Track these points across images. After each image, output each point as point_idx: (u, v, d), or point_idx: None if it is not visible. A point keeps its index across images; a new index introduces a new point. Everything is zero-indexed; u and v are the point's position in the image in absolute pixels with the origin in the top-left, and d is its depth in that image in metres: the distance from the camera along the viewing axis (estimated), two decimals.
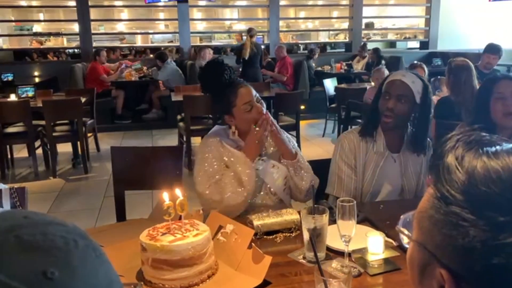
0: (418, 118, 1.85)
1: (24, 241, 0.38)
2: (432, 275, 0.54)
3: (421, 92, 1.81)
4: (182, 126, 5.12)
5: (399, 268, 1.29)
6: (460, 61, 3.47)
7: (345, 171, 1.90)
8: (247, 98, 1.83)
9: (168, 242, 1.20)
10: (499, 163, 0.49)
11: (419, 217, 0.56)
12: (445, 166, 0.52)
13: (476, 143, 0.52)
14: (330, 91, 6.39)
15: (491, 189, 0.48)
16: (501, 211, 0.47)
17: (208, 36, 12.75)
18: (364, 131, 1.90)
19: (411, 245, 0.59)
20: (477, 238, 0.47)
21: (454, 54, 6.97)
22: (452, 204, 0.50)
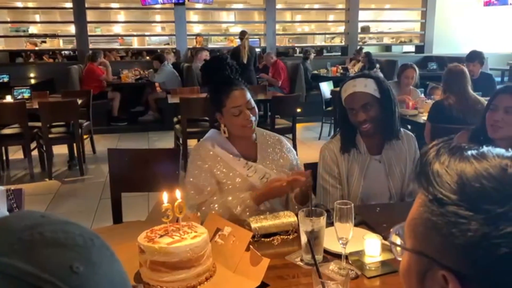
0: (384, 108, 1.85)
1: (48, 238, 0.40)
2: (433, 280, 0.54)
3: (376, 87, 1.84)
4: (179, 129, 5.12)
5: (396, 270, 1.29)
6: (454, 66, 3.53)
7: (330, 182, 1.92)
8: (238, 102, 1.80)
9: (166, 244, 1.20)
10: (486, 162, 0.51)
11: (413, 225, 0.57)
12: (434, 171, 0.54)
13: (458, 149, 0.55)
14: (326, 94, 6.41)
15: (484, 184, 0.49)
16: (497, 203, 0.48)
17: (205, 39, 12.77)
18: (345, 147, 1.92)
19: (406, 255, 0.59)
20: (478, 232, 0.48)
21: (449, 58, 7.03)
22: (448, 204, 0.51)
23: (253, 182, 1.82)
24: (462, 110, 3.29)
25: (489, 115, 1.92)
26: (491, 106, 1.93)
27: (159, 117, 7.30)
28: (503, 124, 1.87)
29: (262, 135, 1.97)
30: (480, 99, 3.35)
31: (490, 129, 1.91)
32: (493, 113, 1.90)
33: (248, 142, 1.91)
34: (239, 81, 1.87)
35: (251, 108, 1.83)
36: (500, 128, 1.88)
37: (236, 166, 1.84)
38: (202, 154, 1.86)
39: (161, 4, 8.31)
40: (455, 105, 3.34)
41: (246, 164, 1.85)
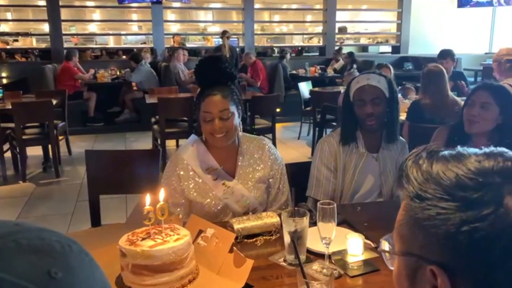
0: (390, 109, 1.91)
1: (23, 245, 0.38)
2: (423, 278, 0.55)
3: (387, 87, 1.89)
4: (157, 129, 5.07)
5: (378, 269, 1.31)
6: (433, 66, 3.60)
7: (324, 174, 1.94)
8: (209, 108, 1.72)
9: (148, 247, 1.18)
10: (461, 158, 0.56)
11: (398, 227, 0.60)
12: (413, 172, 0.58)
13: (435, 151, 0.59)
14: (305, 94, 6.45)
15: (458, 175, 0.54)
16: (472, 190, 0.51)
17: (183, 38, 12.68)
18: (345, 140, 1.95)
19: (396, 261, 0.61)
20: (457, 219, 0.51)
21: (424, 59, 7.17)
22: (426, 198, 0.54)
23: (229, 204, 1.76)
24: (440, 110, 3.35)
25: (466, 110, 1.97)
26: (468, 102, 1.98)
27: (136, 117, 7.21)
28: (479, 119, 1.92)
29: (247, 142, 1.87)
30: (457, 100, 3.42)
31: (467, 124, 1.96)
32: (470, 109, 1.95)
33: (228, 152, 1.82)
34: (226, 88, 1.75)
35: (224, 118, 1.72)
36: (477, 123, 1.92)
37: (212, 187, 1.77)
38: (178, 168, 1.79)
39: (138, 3, 8.20)
40: (433, 105, 3.40)
41: (223, 185, 1.77)
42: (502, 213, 0.50)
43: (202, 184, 1.77)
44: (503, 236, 0.50)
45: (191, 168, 1.79)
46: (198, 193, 1.76)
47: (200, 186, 1.77)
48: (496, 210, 0.50)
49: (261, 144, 1.89)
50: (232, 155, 1.83)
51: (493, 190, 0.51)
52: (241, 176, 1.81)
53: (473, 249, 0.51)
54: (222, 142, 1.76)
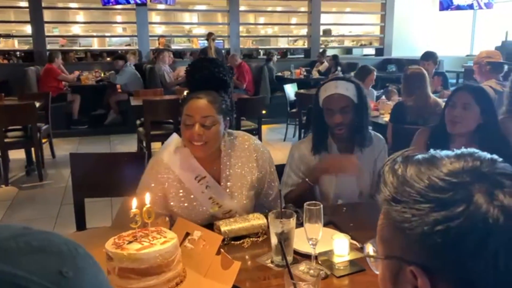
0: (359, 114, 1.90)
1: (33, 245, 0.40)
2: (405, 279, 0.57)
3: (356, 93, 1.88)
4: (142, 131, 5.03)
5: (364, 269, 1.32)
6: (414, 69, 3.65)
7: (294, 180, 1.94)
8: (191, 111, 1.61)
9: (135, 251, 1.17)
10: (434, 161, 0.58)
11: (380, 232, 0.62)
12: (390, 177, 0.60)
13: (409, 157, 0.61)
14: (291, 96, 6.48)
15: (431, 177, 0.56)
16: (444, 191, 0.54)
17: (168, 40, 12.65)
18: (316, 148, 1.95)
19: (379, 264, 0.63)
20: (431, 219, 0.53)
21: (407, 61, 7.27)
22: (403, 201, 0.56)
23: (215, 215, 1.67)
24: (422, 111, 3.40)
25: (448, 111, 2.00)
26: (450, 103, 2.02)
27: (121, 120, 7.15)
28: (461, 120, 1.95)
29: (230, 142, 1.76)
30: (439, 101, 3.48)
31: (449, 125, 1.99)
32: (452, 109, 1.98)
33: (211, 155, 1.70)
34: (215, 94, 1.65)
35: (207, 125, 1.60)
36: (458, 123, 1.96)
37: (198, 197, 1.66)
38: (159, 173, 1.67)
39: (122, 5, 8.14)
40: (415, 107, 3.46)
41: (210, 200, 1.67)
42: (472, 210, 0.52)
43: (186, 194, 1.67)
44: (475, 232, 0.51)
45: (173, 175, 1.67)
46: (182, 204, 1.66)
47: (184, 196, 1.67)
48: (467, 208, 0.52)
49: (244, 145, 1.78)
50: (216, 158, 1.73)
51: (463, 189, 0.54)
52: (229, 185, 1.71)
53: (448, 247, 0.52)
54: (200, 152, 1.65)
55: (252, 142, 1.80)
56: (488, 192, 0.53)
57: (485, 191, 0.53)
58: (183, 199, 1.67)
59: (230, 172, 1.72)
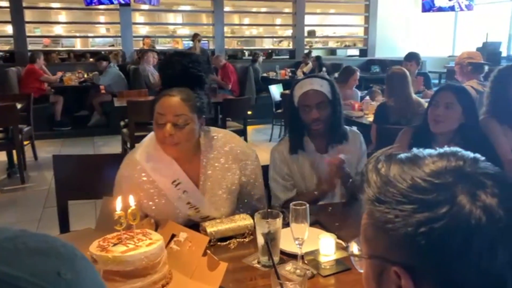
0: (334, 111, 1.93)
1: (32, 247, 0.40)
2: (389, 280, 0.57)
3: (330, 90, 1.92)
4: (126, 133, 4.99)
5: (350, 268, 1.33)
6: (396, 69, 3.70)
7: (280, 183, 1.95)
8: (163, 110, 1.53)
9: (120, 253, 1.16)
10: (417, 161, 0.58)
11: (364, 231, 0.62)
12: (373, 176, 0.60)
13: (393, 155, 0.61)
14: (276, 96, 6.50)
15: (414, 177, 0.56)
16: (427, 191, 0.54)
17: (152, 41, 12.56)
18: (293, 148, 1.96)
19: (364, 264, 0.63)
20: (415, 220, 0.53)
21: (390, 62, 7.35)
22: (386, 201, 0.56)
23: (193, 219, 1.62)
24: (405, 111, 3.44)
25: (431, 110, 2.03)
26: (433, 102, 2.04)
27: (104, 121, 7.07)
28: (444, 119, 1.98)
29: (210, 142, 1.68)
30: (421, 101, 3.53)
31: (432, 124, 2.02)
32: (435, 109, 2.01)
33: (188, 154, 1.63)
34: (189, 91, 1.56)
35: (179, 125, 1.52)
36: (442, 123, 1.99)
37: (175, 201, 1.60)
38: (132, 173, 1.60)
39: (106, 5, 8.05)
40: (398, 107, 3.50)
41: (188, 204, 1.61)
42: (455, 211, 0.52)
43: (161, 196, 1.60)
44: (458, 233, 0.52)
45: (147, 176, 1.60)
46: (157, 206, 1.60)
47: (159, 198, 1.60)
48: (450, 209, 0.52)
49: (225, 148, 1.70)
50: (195, 156, 1.65)
51: (447, 190, 0.54)
52: (207, 189, 1.65)
53: (431, 248, 0.53)
54: (172, 153, 1.58)
55: (237, 145, 1.73)
56: (471, 192, 0.53)
57: (467, 192, 0.53)
58: (157, 200, 1.61)
59: (209, 174, 1.65)
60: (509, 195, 0.54)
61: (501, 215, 0.52)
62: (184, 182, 1.61)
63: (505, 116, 2.14)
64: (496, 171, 0.57)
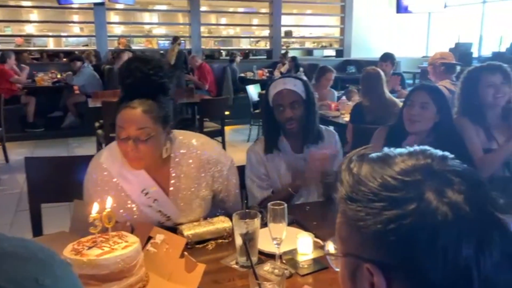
0: (308, 111, 1.94)
1: (9, 252, 0.39)
2: (362, 277, 0.58)
3: (304, 90, 1.94)
4: (101, 134, 4.91)
5: (327, 266, 1.34)
6: (370, 69, 3.76)
7: (256, 182, 1.95)
8: (123, 124, 1.43)
9: (95, 256, 1.14)
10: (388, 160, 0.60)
11: (338, 230, 0.63)
12: (346, 176, 0.61)
13: (364, 156, 0.62)
14: (254, 97, 6.50)
15: (384, 176, 0.57)
16: (396, 189, 0.55)
17: (128, 40, 12.39)
18: (268, 148, 1.97)
19: (339, 262, 0.64)
20: (384, 217, 0.54)
21: (366, 62, 7.45)
22: (358, 200, 0.57)
23: (164, 225, 1.57)
24: (380, 111, 3.49)
25: (406, 110, 2.06)
26: (408, 102, 2.08)
27: (79, 122, 6.94)
28: (419, 119, 2.01)
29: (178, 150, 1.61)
30: (396, 101, 3.59)
31: (407, 124, 2.05)
32: (410, 109, 2.04)
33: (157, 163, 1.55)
34: (151, 102, 1.45)
35: (142, 139, 1.43)
36: (417, 122, 2.02)
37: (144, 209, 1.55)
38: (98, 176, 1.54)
39: (79, 4, 7.90)
40: (373, 107, 3.55)
41: (159, 213, 1.57)
42: (423, 207, 0.53)
43: (131, 202, 1.55)
44: (425, 229, 0.53)
45: (115, 182, 1.54)
46: (126, 212, 1.55)
47: (128, 204, 1.55)
48: (418, 205, 0.54)
49: (196, 155, 1.62)
50: (165, 166, 1.58)
51: (415, 187, 0.55)
52: (180, 196, 1.61)
53: (401, 244, 0.54)
54: (137, 167, 1.50)
55: (209, 152, 1.65)
56: (438, 189, 0.54)
57: (435, 189, 0.54)
58: (127, 206, 1.56)
59: (180, 182, 1.60)
60: (475, 192, 0.56)
61: (467, 211, 0.53)
62: (154, 191, 1.56)
63: (476, 115, 2.19)
64: (463, 169, 0.58)
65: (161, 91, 1.48)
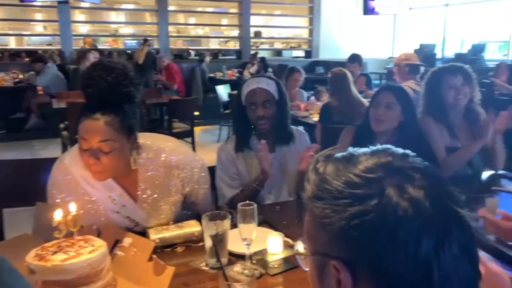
0: (280, 111, 1.96)
1: None
2: (329, 275, 0.59)
3: (277, 90, 1.96)
4: (66, 135, 4.78)
5: (297, 266, 1.35)
6: (337, 70, 3.83)
7: (227, 182, 1.95)
8: (85, 135, 1.38)
9: (60, 261, 1.11)
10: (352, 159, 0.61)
11: (306, 229, 0.64)
12: (312, 175, 0.62)
13: (330, 156, 0.64)
14: (224, 97, 6.48)
15: (347, 174, 0.59)
16: (359, 186, 0.57)
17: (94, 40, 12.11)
18: (239, 147, 1.97)
19: (308, 261, 0.65)
20: (348, 214, 0.56)
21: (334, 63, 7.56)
22: (323, 198, 0.59)
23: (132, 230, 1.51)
24: (347, 111, 3.56)
25: (372, 110, 2.11)
26: (374, 103, 2.12)
27: (43, 124, 6.73)
28: (385, 118, 2.06)
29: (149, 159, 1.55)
30: (363, 101, 3.66)
31: (373, 123, 2.09)
32: (376, 109, 2.09)
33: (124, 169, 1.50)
34: (114, 112, 1.38)
35: (105, 152, 1.37)
36: (383, 122, 2.07)
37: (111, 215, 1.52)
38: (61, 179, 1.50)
39: (42, 2, 7.67)
40: (341, 107, 3.61)
41: (127, 218, 1.54)
42: (384, 203, 0.55)
43: (97, 207, 1.51)
44: (386, 224, 0.54)
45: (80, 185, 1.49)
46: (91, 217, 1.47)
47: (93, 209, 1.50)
48: (379, 202, 0.55)
49: (165, 160, 1.58)
50: (133, 172, 1.53)
51: (377, 183, 0.57)
52: (149, 202, 1.57)
53: (364, 240, 0.55)
54: (100, 179, 1.46)
55: (178, 156, 1.61)
56: (399, 186, 0.56)
57: (396, 185, 0.56)
58: (92, 212, 1.50)
59: (148, 188, 1.56)
60: (435, 188, 0.58)
61: (427, 206, 0.55)
62: (122, 197, 1.52)
63: (439, 114, 2.26)
64: (424, 165, 0.60)
65: (126, 101, 1.41)
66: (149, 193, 1.56)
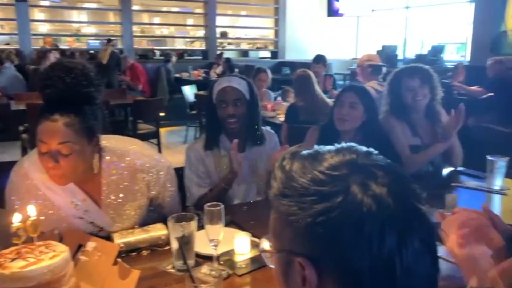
0: (251, 111, 1.97)
1: None
2: (294, 272, 0.59)
3: (248, 89, 1.97)
4: (26, 138, 4.62)
5: (265, 265, 1.35)
6: (301, 71, 3.89)
7: (195, 181, 1.94)
8: (44, 138, 1.33)
9: (19, 269, 1.06)
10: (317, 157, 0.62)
11: (272, 227, 0.64)
12: (278, 173, 0.63)
13: (296, 153, 0.65)
14: (190, 98, 6.43)
15: (313, 171, 0.59)
16: (324, 183, 0.58)
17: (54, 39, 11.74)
18: (208, 145, 1.97)
19: (274, 259, 0.65)
20: (314, 211, 0.56)
21: (300, 64, 7.65)
22: (290, 195, 0.59)
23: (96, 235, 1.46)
24: (312, 111, 3.61)
25: (337, 110, 2.15)
26: (338, 102, 2.16)
27: (1, 126, 6.46)
28: (348, 118, 2.11)
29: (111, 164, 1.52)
30: (327, 101, 3.71)
31: (337, 123, 2.13)
32: (340, 109, 2.13)
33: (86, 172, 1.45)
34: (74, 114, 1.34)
35: (64, 154, 1.32)
36: (346, 121, 2.11)
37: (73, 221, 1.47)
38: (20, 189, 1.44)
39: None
40: (306, 107, 3.66)
41: (90, 223, 1.50)
42: (349, 200, 0.56)
43: (58, 212, 1.46)
44: (351, 221, 0.55)
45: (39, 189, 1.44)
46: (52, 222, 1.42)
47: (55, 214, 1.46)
48: (344, 199, 0.56)
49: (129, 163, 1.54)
50: (96, 176, 1.49)
51: (341, 181, 0.58)
52: (113, 206, 1.53)
53: (329, 237, 0.56)
54: (59, 183, 1.41)
55: (142, 159, 1.57)
56: (363, 183, 0.57)
57: (360, 182, 0.57)
58: (53, 216, 1.46)
59: (112, 192, 1.52)
60: (398, 184, 0.59)
61: (390, 203, 0.56)
62: (85, 202, 1.48)
63: (401, 114, 2.33)
64: (387, 163, 0.62)
65: (86, 101, 1.37)
66: (113, 197, 1.52)
